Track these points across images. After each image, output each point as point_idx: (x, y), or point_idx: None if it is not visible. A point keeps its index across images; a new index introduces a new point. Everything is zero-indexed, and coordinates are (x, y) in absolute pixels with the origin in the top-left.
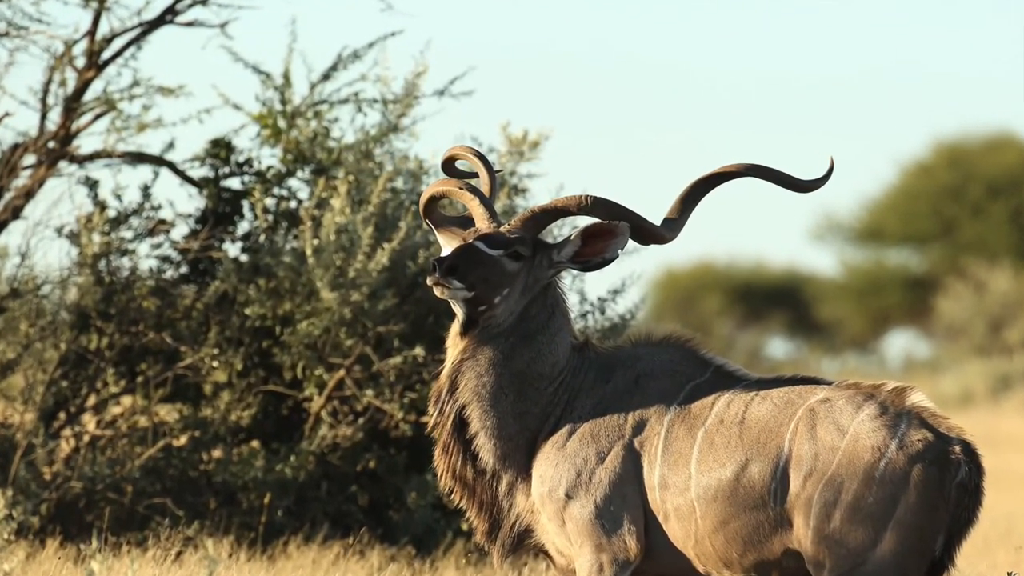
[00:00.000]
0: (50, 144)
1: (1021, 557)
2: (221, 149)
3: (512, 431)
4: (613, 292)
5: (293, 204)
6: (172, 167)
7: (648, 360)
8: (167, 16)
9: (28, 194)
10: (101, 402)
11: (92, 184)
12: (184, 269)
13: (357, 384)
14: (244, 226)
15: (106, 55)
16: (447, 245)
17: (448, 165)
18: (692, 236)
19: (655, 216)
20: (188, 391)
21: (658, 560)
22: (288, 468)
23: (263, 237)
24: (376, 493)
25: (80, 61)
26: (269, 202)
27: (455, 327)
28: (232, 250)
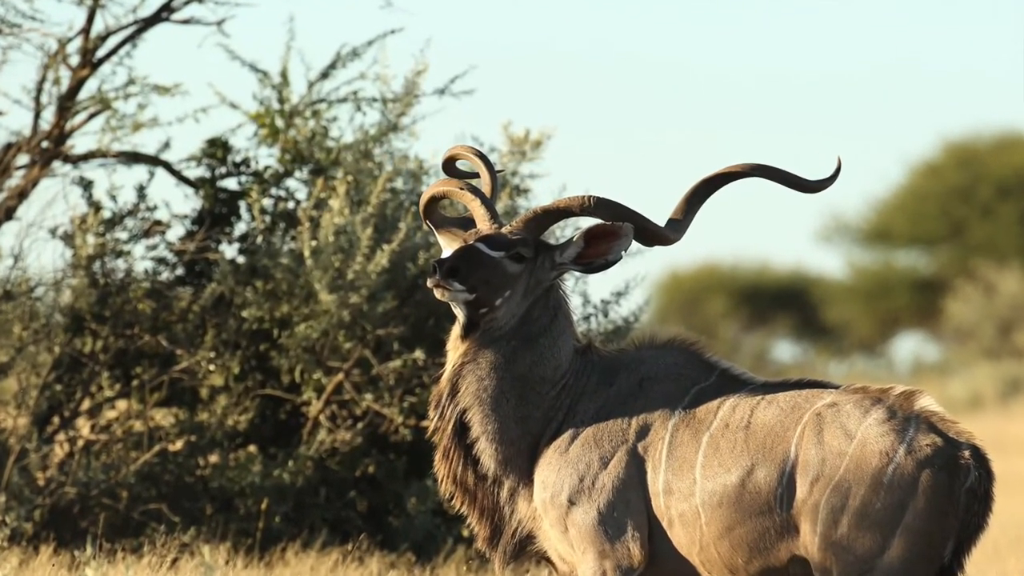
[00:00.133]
0: (44, 144)
1: None
2: (218, 149)
3: (514, 436)
4: (616, 294)
5: (291, 205)
6: (168, 167)
7: (652, 363)
8: (163, 13)
9: (21, 194)
10: (95, 406)
11: (86, 184)
12: (180, 271)
13: (356, 388)
14: (241, 227)
15: (101, 53)
16: (448, 247)
17: (449, 165)
18: (697, 237)
19: (659, 217)
20: (184, 395)
21: (662, 567)
22: (286, 473)
23: (260, 238)
24: (375, 499)
25: (74, 59)
26: (266, 203)
27: (456, 330)
28: (229, 251)
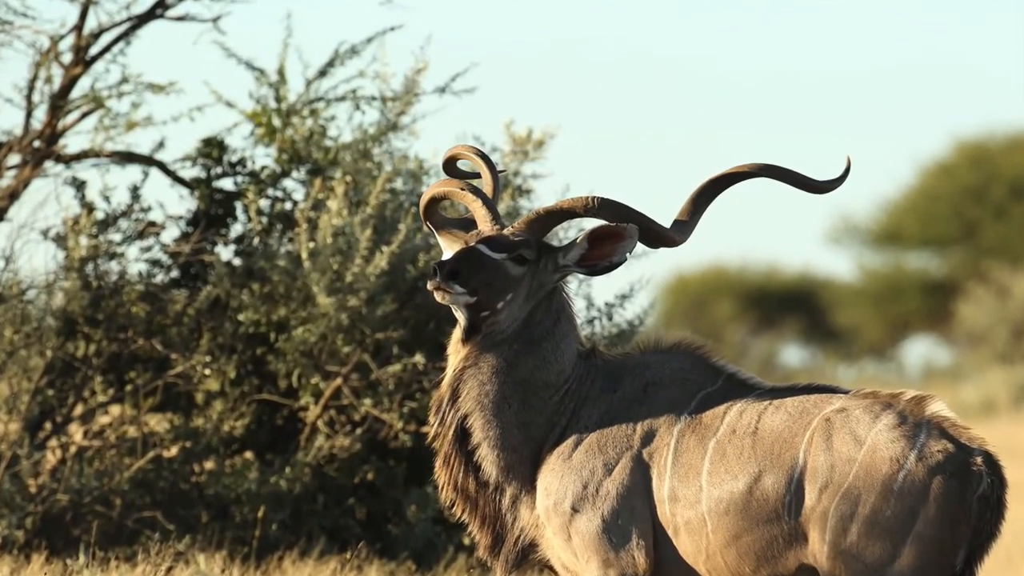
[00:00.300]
0: (35, 143)
1: None
2: (213, 148)
3: (516, 442)
4: (621, 297)
5: (288, 206)
6: (162, 167)
7: (657, 368)
8: (157, 10)
9: (13, 195)
10: (88, 412)
11: (79, 185)
12: (175, 273)
13: (355, 393)
14: (237, 228)
15: (94, 51)
16: (448, 248)
17: (449, 165)
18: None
19: (664, 218)
20: (179, 400)
21: (668, 575)
22: (283, 480)
23: (257, 240)
24: (374, 506)
25: (67, 57)
26: (263, 203)
27: (457, 333)
28: (225, 253)
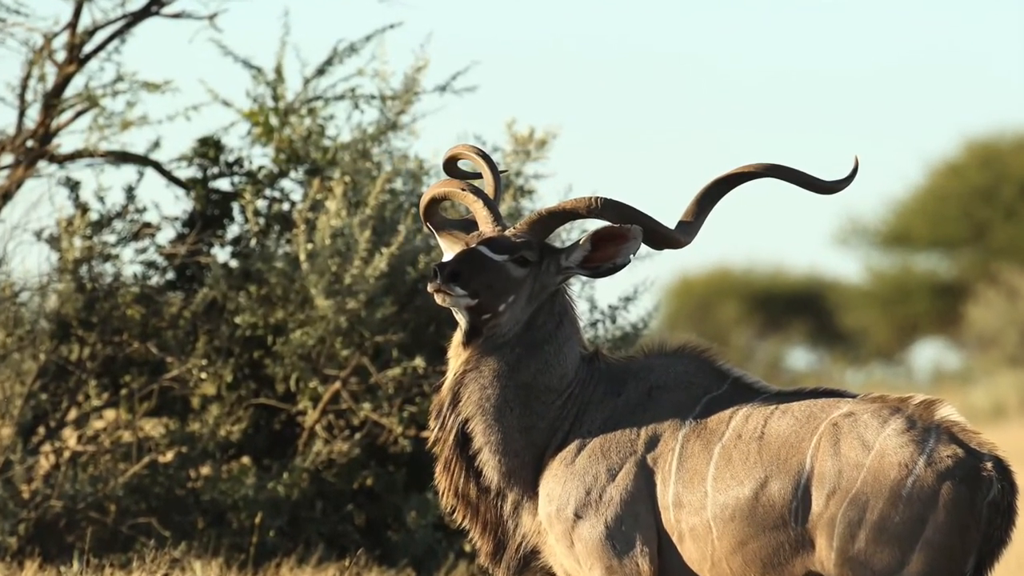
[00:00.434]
0: (29, 143)
1: None
2: (210, 148)
3: (518, 447)
4: (625, 299)
5: (286, 206)
6: (158, 167)
7: (662, 371)
8: (152, 7)
9: (5, 195)
10: (83, 416)
11: (73, 185)
12: (170, 275)
13: (354, 397)
14: (234, 230)
15: (88, 49)
16: (449, 250)
17: (450, 165)
18: (708, 240)
19: (669, 219)
20: (175, 404)
21: None
22: (281, 486)
23: (254, 241)
24: (374, 512)
25: (60, 55)
26: (260, 204)
27: (457, 336)
28: (221, 255)
